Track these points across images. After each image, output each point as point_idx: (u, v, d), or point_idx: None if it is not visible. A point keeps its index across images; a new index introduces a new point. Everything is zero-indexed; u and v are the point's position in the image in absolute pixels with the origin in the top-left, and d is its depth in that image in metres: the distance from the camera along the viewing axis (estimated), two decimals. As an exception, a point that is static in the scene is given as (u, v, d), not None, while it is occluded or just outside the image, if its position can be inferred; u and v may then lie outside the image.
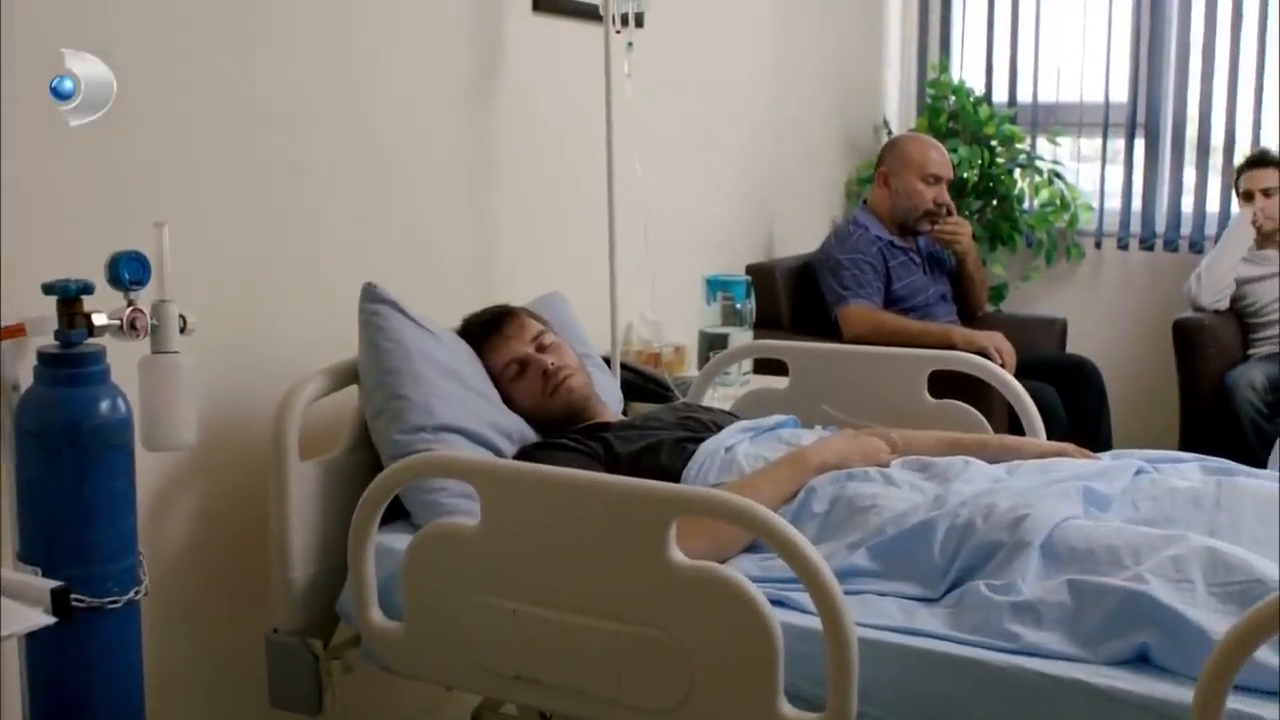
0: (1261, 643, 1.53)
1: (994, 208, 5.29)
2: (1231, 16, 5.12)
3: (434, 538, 2.03)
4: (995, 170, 5.21)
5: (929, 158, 4.36)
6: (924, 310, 4.28)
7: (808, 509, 2.23)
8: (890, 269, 4.25)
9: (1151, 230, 5.37)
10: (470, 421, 2.41)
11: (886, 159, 4.42)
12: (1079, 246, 5.46)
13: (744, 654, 1.78)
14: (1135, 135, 5.35)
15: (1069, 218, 5.35)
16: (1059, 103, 5.51)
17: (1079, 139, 5.53)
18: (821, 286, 4.25)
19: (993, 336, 4.00)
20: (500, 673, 1.99)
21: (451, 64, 3.08)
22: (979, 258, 4.64)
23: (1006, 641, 1.82)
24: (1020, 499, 2.09)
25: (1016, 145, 5.27)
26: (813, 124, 5.06)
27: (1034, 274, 5.46)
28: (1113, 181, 5.44)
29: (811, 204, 5.07)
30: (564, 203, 3.43)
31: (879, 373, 2.93)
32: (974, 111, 5.20)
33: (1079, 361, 4.48)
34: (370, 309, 2.44)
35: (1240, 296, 4.76)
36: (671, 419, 2.61)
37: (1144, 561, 1.90)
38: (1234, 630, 1.53)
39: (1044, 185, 5.35)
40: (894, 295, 4.24)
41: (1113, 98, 5.38)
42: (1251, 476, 2.39)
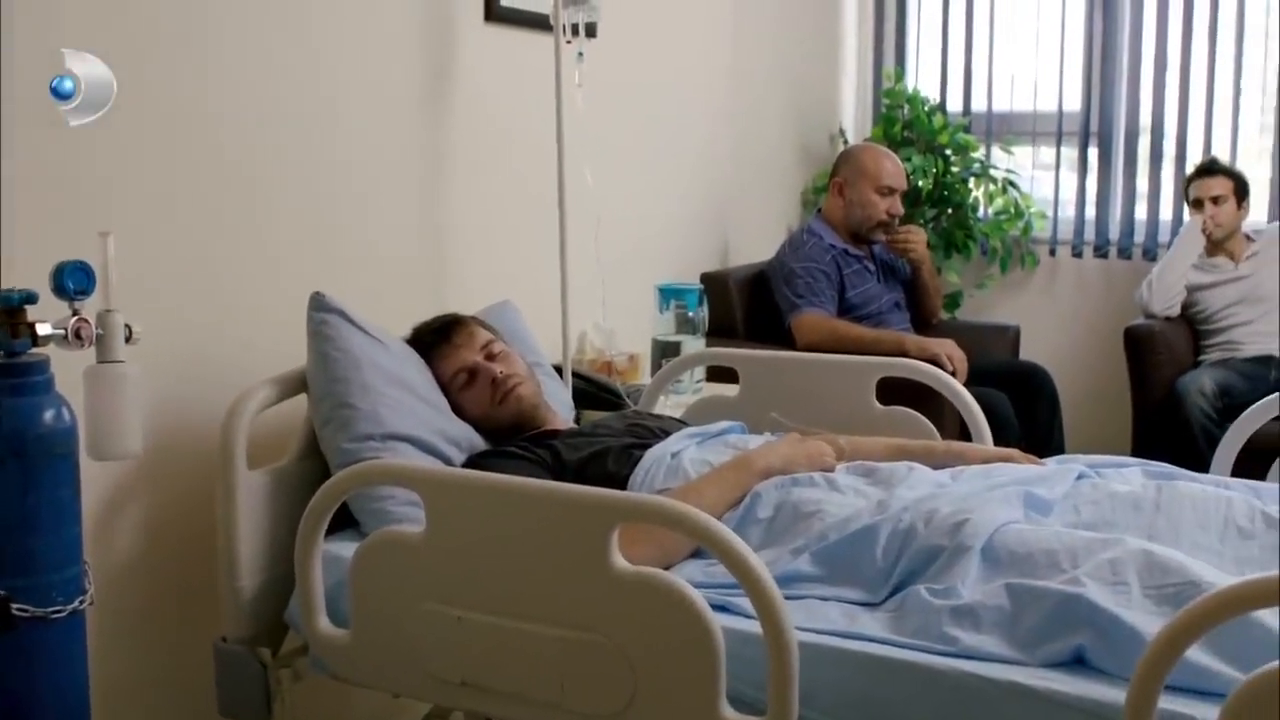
0: (1192, 643, 1.56)
1: (949, 216, 5.34)
2: (1183, 26, 5.20)
3: (379, 545, 2.03)
4: (950, 179, 5.26)
5: (883, 169, 4.39)
6: (878, 318, 4.31)
7: (752, 514, 2.24)
8: (844, 277, 4.28)
9: (1105, 238, 5.44)
10: (418, 430, 2.42)
11: (841, 169, 4.45)
12: (1033, 254, 5.52)
13: (686, 659, 1.79)
14: (1089, 143, 5.43)
15: (1023, 226, 5.40)
16: (1013, 111, 5.58)
17: (1033, 147, 5.58)
18: (776, 295, 4.27)
19: (944, 344, 4.03)
20: (446, 680, 1.99)
21: (403, 73, 3.08)
22: (933, 266, 4.68)
23: (945, 645, 1.84)
24: (962, 504, 2.11)
25: (971, 154, 5.31)
26: (769, 133, 5.10)
27: (989, 282, 5.50)
28: (1066, 189, 5.49)
29: (768, 212, 5.10)
30: (515, 211, 3.44)
31: (828, 380, 2.96)
32: (928, 120, 5.25)
33: (1031, 368, 4.52)
34: (318, 318, 2.44)
35: (1191, 303, 4.81)
36: (620, 426, 2.63)
37: (1081, 565, 1.92)
38: (1164, 631, 1.55)
39: (998, 194, 5.40)
40: (848, 303, 4.27)
41: (1066, 106, 5.46)
42: (1192, 481, 2.43)
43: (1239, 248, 4.85)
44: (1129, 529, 2.14)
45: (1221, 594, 1.55)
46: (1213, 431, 4.28)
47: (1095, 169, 5.43)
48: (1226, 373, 4.53)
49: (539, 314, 3.20)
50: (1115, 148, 5.39)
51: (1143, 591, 1.85)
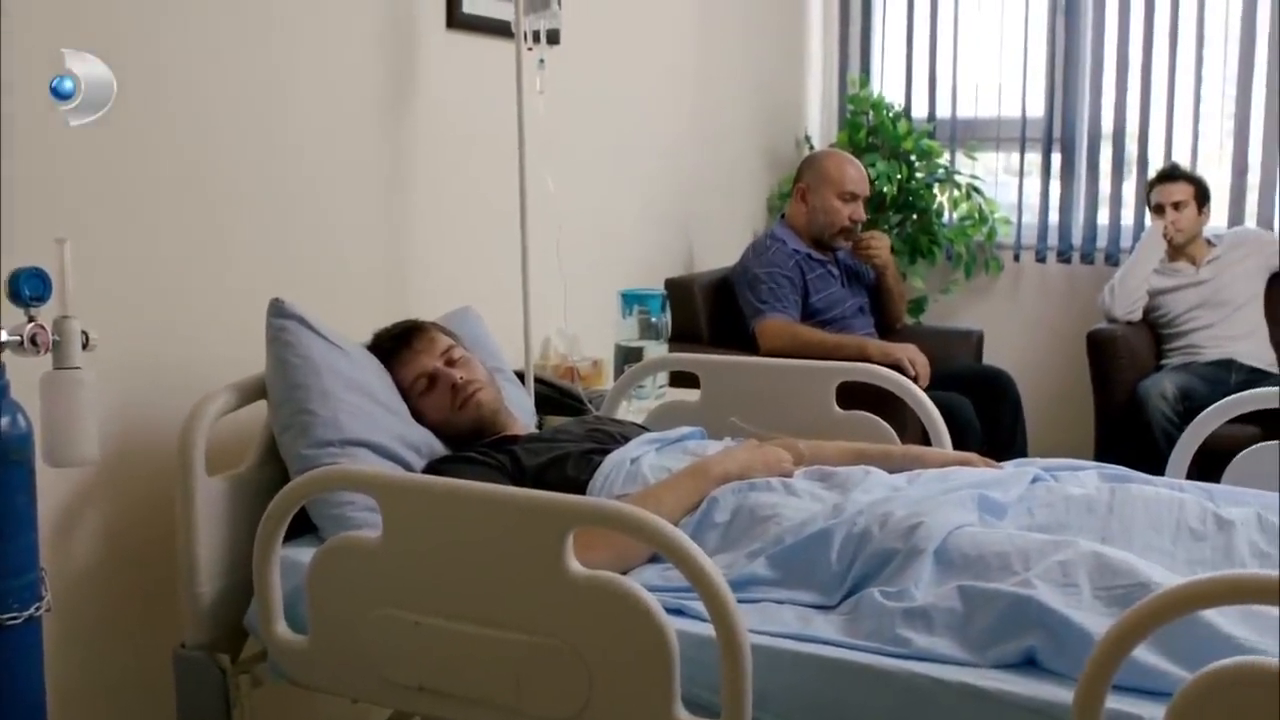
0: (1138, 643, 1.57)
1: (913, 221, 5.37)
2: (1144, 33, 5.24)
3: (336, 551, 2.04)
4: (914, 185, 5.29)
5: (846, 175, 4.41)
6: (842, 323, 4.33)
7: (710, 519, 2.26)
8: (808, 282, 4.30)
9: (1068, 243, 5.47)
10: (378, 436, 2.43)
11: (805, 175, 4.47)
12: (997, 259, 5.55)
13: (641, 662, 1.80)
14: (1052, 150, 5.46)
15: (987, 231, 5.43)
16: (977, 118, 5.61)
17: (997, 153, 5.61)
18: (740, 300, 4.29)
19: (907, 349, 4.06)
20: (403, 684, 2.00)
21: (364, 79, 3.09)
22: (897, 271, 4.70)
23: (898, 647, 1.85)
24: (916, 507, 2.13)
25: (935, 160, 5.34)
26: (734, 139, 5.11)
27: (953, 287, 5.53)
28: (1030, 195, 5.53)
29: (733, 218, 5.11)
30: (478, 217, 3.45)
31: (788, 385, 2.97)
32: (893, 127, 5.27)
33: (994, 373, 4.54)
34: (277, 324, 2.45)
35: (1153, 308, 4.85)
36: (580, 431, 2.64)
37: (1033, 567, 1.94)
38: (1112, 631, 1.57)
39: (963, 199, 5.43)
40: (812, 308, 4.29)
41: (1029, 113, 5.48)
42: (1146, 483, 2.46)
43: (1200, 252, 4.89)
44: (1082, 531, 2.16)
45: (1168, 594, 1.56)
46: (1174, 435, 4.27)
47: (1058, 174, 5.47)
48: (1187, 376, 4.56)
49: (502, 319, 3.21)
50: (1078, 153, 5.43)
51: (1093, 593, 1.87)
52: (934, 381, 4.10)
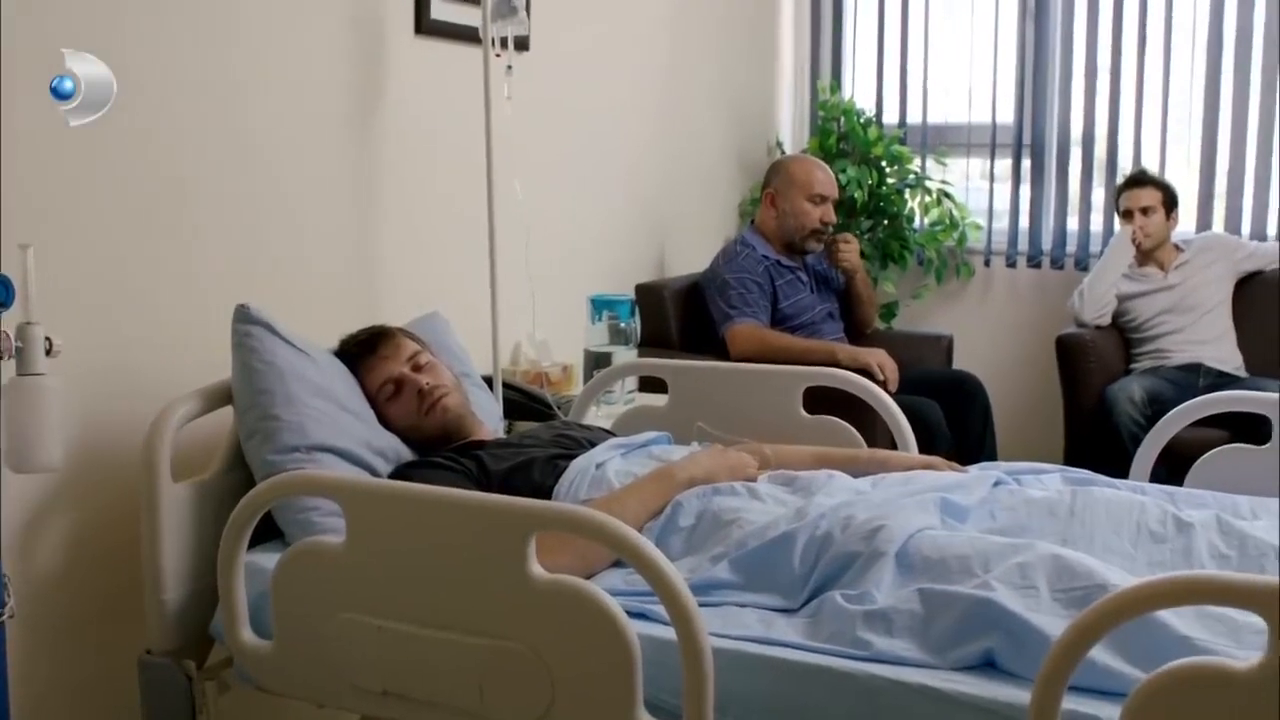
0: (1094, 643, 1.59)
1: (885, 227, 5.39)
2: (1112, 40, 5.27)
3: (300, 556, 2.05)
4: (885, 190, 5.30)
5: (814, 178, 4.43)
6: (811, 328, 4.35)
7: (674, 523, 2.27)
8: (777, 288, 4.31)
9: (1038, 248, 5.49)
10: (344, 441, 2.43)
11: (773, 180, 4.49)
12: (968, 265, 5.57)
13: (603, 666, 1.81)
14: (1022, 155, 5.47)
15: (958, 236, 5.45)
16: (948, 124, 5.63)
17: (968, 159, 5.64)
18: (709, 306, 4.30)
19: (875, 353, 4.07)
20: (368, 689, 2.01)
21: (332, 84, 3.09)
22: (867, 276, 4.71)
23: (858, 649, 1.87)
24: (878, 511, 2.14)
25: (905, 165, 5.36)
26: (706, 145, 5.13)
27: (924, 292, 5.55)
28: (1000, 201, 5.55)
29: (705, 224, 5.13)
30: (446, 223, 3.45)
31: (755, 390, 2.99)
32: (863, 132, 5.29)
33: (964, 377, 4.55)
34: (243, 330, 2.45)
35: (1122, 312, 4.87)
36: (547, 436, 2.65)
37: (992, 569, 1.95)
38: (1067, 632, 1.58)
39: (933, 205, 5.45)
40: (781, 314, 4.30)
41: (999, 119, 5.50)
42: (1108, 486, 2.48)
43: (1168, 257, 4.91)
44: (1044, 534, 2.18)
45: (1122, 595, 1.58)
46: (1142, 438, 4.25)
47: (1028, 180, 5.49)
48: (1155, 380, 4.58)
49: (471, 325, 3.21)
50: (1048, 159, 5.45)
51: (1051, 595, 1.89)
52: (904, 386, 4.11)
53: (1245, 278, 4.93)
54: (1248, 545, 2.15)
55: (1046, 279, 5.47)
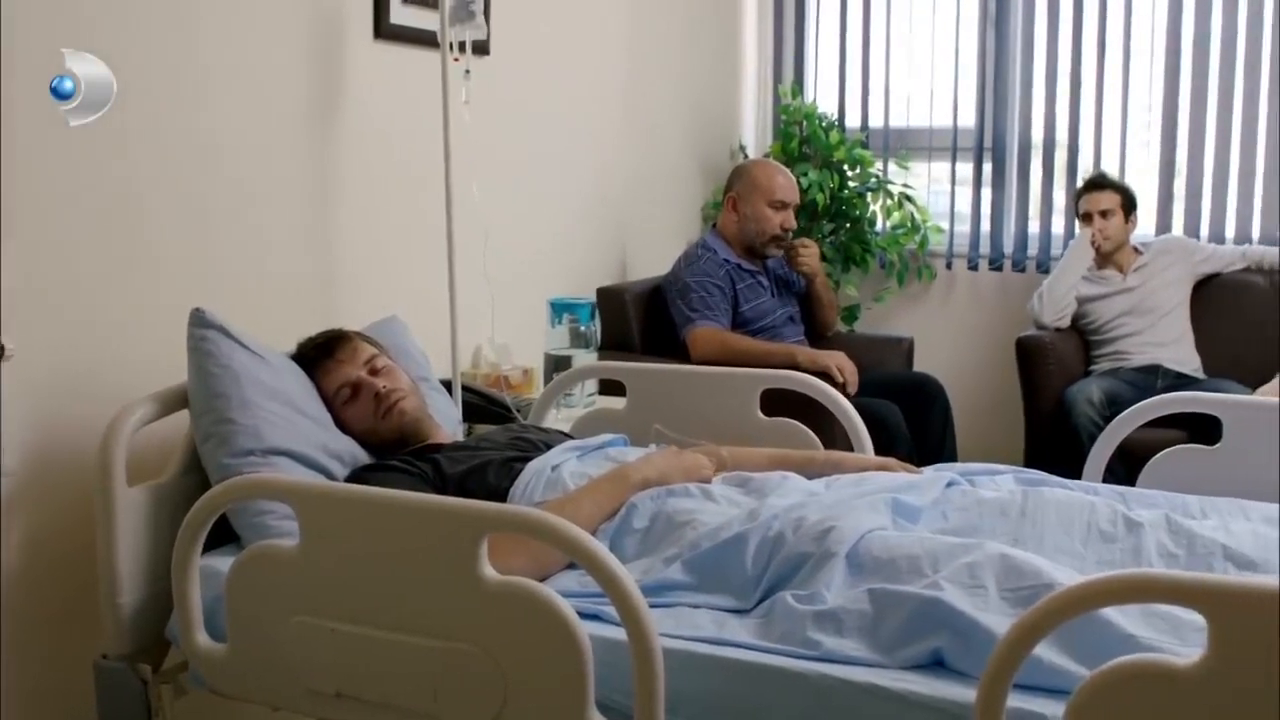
0: (1038, 640, 1.60)
1: (847, 230, 5.41)
2: (1072, 45, 5.30)
3: (254, 559, 2.05)
4: (847, 194, 5.33)
5: (776, 183, 4.44)
6: (772, 331, 4.36)
7: (628, 525, 2.28)
8: (738, 291, 4.32)
9: (999, 251, 5.52)
10: (300, 445, 2.43)
11: (735, 184, 4.50)
12: (930, 267, 5.60)
13: (555, 666, 1.82)
14: (983, 159, 5.50)
15: (920, 240, 5.48)
16: (910, 127, 5.66)
17: (929, 163, 5.66)
18: (671, 309, 4.31)
19: (835, 356, 4.09)
20: (321, 691, 2.01)
21: (291, 88, 3.09)
22: (827, 279, 4.73)
23: (809, 649, 1.88)
24: (829, 512, 2.16)
25: (867, 169, 5.39)
26: (668, 149, 5.14)
27: (886, 295, 5.58)
28: (962, 204, 5.58)
29: (668, 228, 5.14)
30: (405, 226, 3.46)
31: (712, 392, 3.00)
32: (825, 136, 5.31)
33: (924, 379, 4.57)
34: (198, 334, 2.45)
35: (1082, 315, 4.90)
36: (504, 439, 2.65)
37: (942, 569, 1.97)
38: (1012, 629, 1.60)
39: (895, 208, 5.47)
40: (742, 317, 4.32)
41: (961, 122, 5.53)
42: (1060, 487, 2.51)
43: (1127, 260, 4.95)
44: (995, 534, 2.20)
45: (1065, 593, 1.60)
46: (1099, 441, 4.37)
47: (990, 183, 5.52)
48: (1114, 382, 4.61)
49: (431, 328, 3.22)
50: (1009, 163, 5.48)
51: (999, 594, 1.91)
52: (864, 388, 4.13)
53: (1203, 280, 4.97)
54: (1196, 544, 2.18)
55: (1008, 281, 5.50)
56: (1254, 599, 1.49)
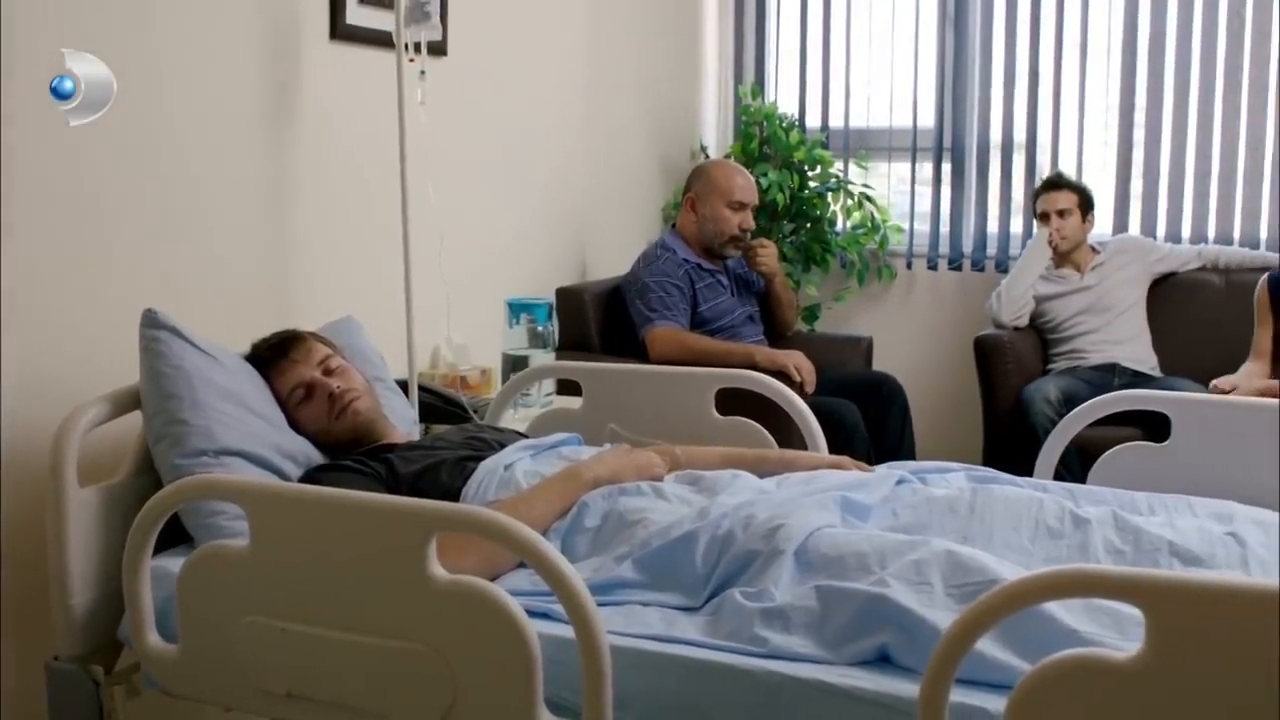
0: (980, 635, 1.62)
1: (807, 230, 5.43)
2: (1030, 46, 5.34)
3: (205, 560, 2.05)
4: (806, 194, 5.35)
5: (734, 184, 4.46)
6: (731, 331, 4.38)
7: (580, 524, 2.29)
8: (697, 291, 4.34)
9: (959, 251, 5.56)
10: (253, 445, 2.43)
11: (694, 185, 4.52)
12: (890, 267, 5.63)
13: (504, 665, 1.83)
14: (942, 159, 5.53)
15: (879, 239, 5.51)
16: (870, 128, 5.69)
17: (889, 163, 5.69)
18: (630, 309, 4.32)
19: (792, 355, 4.11)
20: (272, 691, 2.01)
21: (246, 88, 3.09)
22: (786, 279, 4.75)
23: (756, 646, 1.89)
24: (778, 509, 2.17)
25: (827, 169, 5.41)
26: (629, 149, 5.15)
27: (846, 294, 5.60)
28: (922, 204, 5.62)
29: (628, 228, 5.15)
30: (361, 227, 3.46)
31: (668, 392, 3.01)
32: (785, 137, 5.33)
33: (882, 378, 4.59)
34: (150, 335, 2.45)
35: (1040, 314, 4.94)
36: (458, 439, 2.66)
37: (889, 566, 1.99)
38: (955, 624, 1.61)
39: (855, 208, 5.50)
40: (701, 317, 4.33)
41: (920, 123, 5.57)
42: (1010, 484, 2.53)
43: (1084, 259, 4.98)
44: (944, 531, 2.22)
45: (1007, 588, 1.61)
46: (1055, 439, 4.40)
47: (949, 183, 5.55)
48: (1071, 380, 4.64)
49: (388, 328, 3.22)
50: (968, 162, 5.52)
51: (945, 591, 1.93)
52: (822, 387, 4.16)
53: (1160, 279, 5.03)
54: (1142, 540, 2.20)
55: (967, 281, 5.54)
56: (1189, 593, 1.51)
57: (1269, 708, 1.46)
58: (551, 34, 4.52)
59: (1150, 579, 1.54)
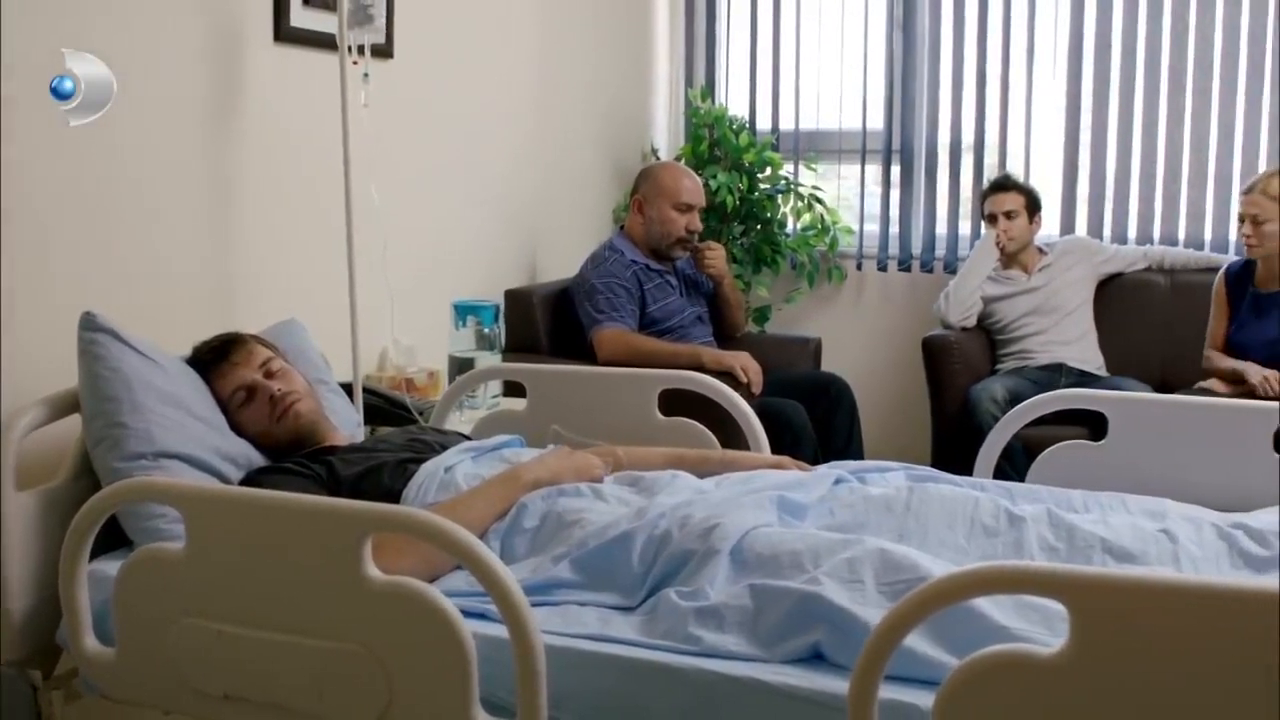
0: (909, 631, 1.63)
1: (757, 232, 5.45)
2: (977, 48, 5.38)
3: (141, 563, 2.05)
4: (756, 196, 5.37)
5: (681, 186, 4.47)
6: (680, 332, 4.39)
7: (519, 525, 2.30)
8: (645, 292, 4.35)
9: (908, 252, 5.59)
10: (192, 448, 2.43)
11: (641, 187, 4.53)
12: (840, 268, 5.66)
13: (439, 665, 1.84)
14: (892, 161, 5.56)
15: (829, 241, 5.53)
16: (820, 130, 5.71)
17: (839, 164, 5.72)
18: (578, 311, 4.33)
19: (739, 356, 4.13)
20: (209, 693, 2.01)
21: (190, 90, 3.08)
22: (734, 281, 4.77)
23: (690, 645, 1.91)
24: (715, 509, 2.19)
25: (777, 171, 5.43)
26: (580, 152, 5.16)
27: (797, 296, 5.62)
28: (872, 205, 5.64)
29: (579, 230, 5.15)
30: (305, 230, 3.45)
31: (611, 393, 3.02)
32: (735, 139, 5.35)
33: (829, 378, 4.61)
34: (88, 337, 2.44)
35: (988, 314, 4.97)
36: (400, 441, 2.66)
37: (822, 565, 2.00)
38: (883, 621, 1.63)
39: (805, 210, 5.52)
40: (650, 318, 4.34)
41: (870, 125, 5.59)
42: (949, 483, 2.55)
43: (1032, 260, 5.02)
44: (881, 530, 2.24)
45: (934, 585, 1.63)
46: (1004, 438, 4.44)
47: (898, 185, 5.58)
48: (1018, 380, 4.67)
49: (334, 331, 3.22)
50: (917, 164, 5.55)
51: (877, 588, 1.94)
52: (770, 388, 4.18)
53: (1106, 280, 5.06)
54: (1076, 537, 2.22)
55: (917, 282, 5.57)
56: (1111, 588, 1.53)
57: (1190, 701, 1.49)
58: (501, 37, 4.52)
59: (1071, 575, 1.56)
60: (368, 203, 3.32)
